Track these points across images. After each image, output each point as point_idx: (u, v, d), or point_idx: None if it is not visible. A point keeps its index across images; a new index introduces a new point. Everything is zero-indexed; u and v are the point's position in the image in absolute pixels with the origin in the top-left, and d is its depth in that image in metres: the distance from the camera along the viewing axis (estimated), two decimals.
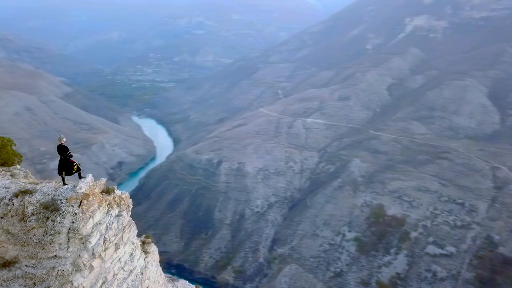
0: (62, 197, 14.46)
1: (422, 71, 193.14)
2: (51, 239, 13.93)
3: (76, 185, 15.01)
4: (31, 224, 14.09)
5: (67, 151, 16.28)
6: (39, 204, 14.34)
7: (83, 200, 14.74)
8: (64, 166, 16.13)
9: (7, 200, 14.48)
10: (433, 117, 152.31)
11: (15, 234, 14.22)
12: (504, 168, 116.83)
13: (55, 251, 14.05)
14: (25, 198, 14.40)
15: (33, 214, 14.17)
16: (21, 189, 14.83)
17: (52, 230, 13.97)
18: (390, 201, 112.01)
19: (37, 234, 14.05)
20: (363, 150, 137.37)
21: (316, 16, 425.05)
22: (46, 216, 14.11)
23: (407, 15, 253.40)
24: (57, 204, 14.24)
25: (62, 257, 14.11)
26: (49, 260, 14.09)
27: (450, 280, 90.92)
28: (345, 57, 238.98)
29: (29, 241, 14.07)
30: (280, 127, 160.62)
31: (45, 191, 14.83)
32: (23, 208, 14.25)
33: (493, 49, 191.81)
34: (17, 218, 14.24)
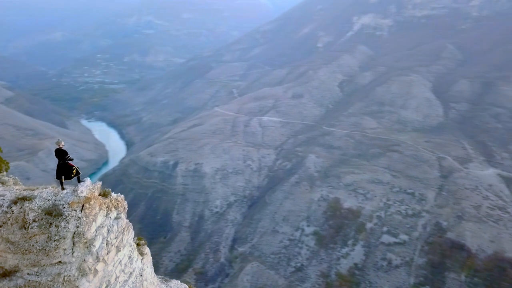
0: (64, 201, 14.23)
1: (370, 67, 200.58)
2: (56, 245, 13.63)
3: (76, 189, 14.82)
4: (33, 231, 13.69)
5: (65, 155, 15.97)
6: (40, 210, 13.97)
7: (85, 204, 14.64)
8: (63, 170, 15.82)
9: (6, 208, 13.98)
10: (383, 112, 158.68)
11: (15, 243, 13.79)
12: (449, 158, 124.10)
13: (59, 257, 13.80)
14: (25, 204, 14.04)
15: (34, 221, 13.78)
16: (19, 196, 14.43)
17: (56, 235, 13.69)
18: (346, 194, 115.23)
19: (39, 241, 13.70)
20: (318, 146, 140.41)
21: (267, 15, 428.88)
22: (49, 222, 13.81)
23: (354, 14, 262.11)
24: (59, 209, 13.96)
25: (67, 262, 13.88)
26: (53, 266, 13.82)
27: (404, 266, 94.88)
28: (297, 55, 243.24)
29: (31, 249, 13.72)
30: (236, 126, 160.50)
31: (44, 196, 14.47)
32: (23, 215, 13.91)
33: (435, 45, 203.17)
34: (17, 226, 13.88)
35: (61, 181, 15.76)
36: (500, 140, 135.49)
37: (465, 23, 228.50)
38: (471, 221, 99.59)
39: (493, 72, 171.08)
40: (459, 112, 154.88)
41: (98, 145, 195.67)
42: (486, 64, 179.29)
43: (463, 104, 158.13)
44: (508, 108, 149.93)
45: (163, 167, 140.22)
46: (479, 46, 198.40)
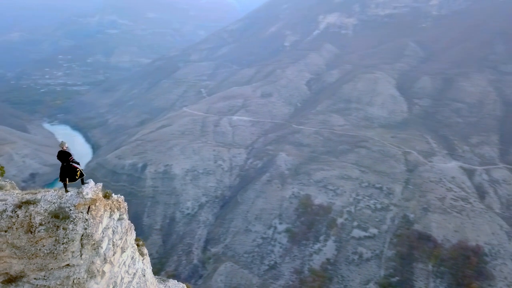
0: (70, 204, 14.04)
1: (337, 65, 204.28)
2: (65, 248, 13.42)
3: (81, 191, 14.68)
4: (40, 234, 13.41)
5: (69, 157, 15.71)
6: (47, 213, 13.67)
7: (91, 205, 14.54)
8: (67, 172, 15.61)
9: (10, 212, 13.62)
10: (350, 109, 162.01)
11: (21, 247, 13.45)
12: (414, 152, 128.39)
13: (68, 260, 13.58)
14: (30, 208, 13.75)
15: (41, 224, 13.53)
16: (22, 200, 14.10)
17: (65, 238, 13.48)
18: (316, 190, 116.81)
19: (46, 245, 13.42)
20: (288, 144, 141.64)
21: (233, 14, 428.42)
22: (56, 225, 13.56)
23: (320, 13, 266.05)
24: (66, 212, 13.73)
25: (75, 265, 13.68)
26: (61, 269, 13.58)
27: (374, 259, 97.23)
28: (265, 54, 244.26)
29: (38, 253, 13.43)
30: (206, 126, 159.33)
31: (49, 199, 14.23)
32: (29, 219, 13.63)
33: (398, 43, 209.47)
34: (22, 230, 13.59)
35: (65, 184, 15.54)
36: (461, 134, 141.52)
37: (426, 22, 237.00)
38: (436, 212, 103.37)
39: (453, 68, 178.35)
40: (422, 108, 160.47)
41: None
42: (446, 61, 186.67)
43: (425, 100, 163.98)
44: (468, 103, 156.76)
45: (131, 169, 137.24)
46: (439, 44, 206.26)
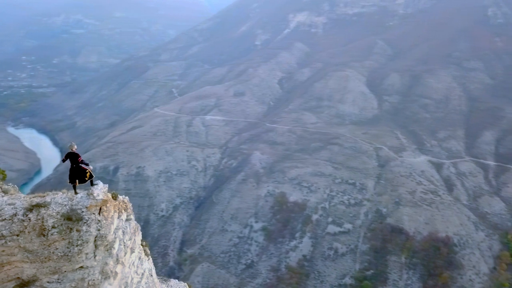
0: (81, 205, 13.94)
1: (308, 64, 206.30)
2: (79, 250, 13.31)
3: (91, 192, 14.54)
4: (53, 237, 13.27)
5: (78, 158, 15.64)
6: (59, 215, 13.50)
7: (102, 206, 14.45)
8: (76, 174, 15.51)
9: (21, 216, 13.42)
10: (322, 107, 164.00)
11: (33, 251, 13.22)
12: (385, 148, 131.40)
13: (81, 262, 13.45)
14: (42, 211, 13.58)
15: (54, 227, 13.41)
16: (32, 203, 13.90)
17: (79, 240, 13.38)
18: (291, 188, 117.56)
19: (59, 247, 13.27)
20: (262, 143, 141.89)
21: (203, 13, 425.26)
22: (69, 227, 13.42)
23: (290, 12, 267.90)
24: (78, 214, 13.60)
25: (89, 266, 13.55)
26: (75, 272, 13.42)
27: (350, 254, 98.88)
28: (236, 53, 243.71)
29: (51, 256, 13.24)
30: (178, 127, 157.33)
31: (60, 202, 14.16)
32: (41, 222, 13.47)
33: (366, 42, 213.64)
34: (34, 233, 13.41)
35: (74, 185, 15.44)
36: (429, 129, 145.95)
37: (393, 20, 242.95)
38: (408, 206, 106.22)
39: (419, 65, 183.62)
40: (392, 104, 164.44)
41: (29, 154, 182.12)
42: (413, 58, 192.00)
43: (395, 96, 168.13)
44: (435, 99, 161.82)
45: (103, 172, 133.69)
46: (406, 42, 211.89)
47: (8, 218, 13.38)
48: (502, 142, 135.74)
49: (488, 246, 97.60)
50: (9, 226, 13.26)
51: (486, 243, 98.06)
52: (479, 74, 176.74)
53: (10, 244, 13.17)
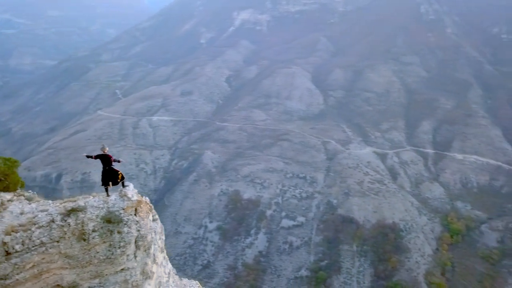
0: (118, 207, 13.79)
1: (254, 61, 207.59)
2: (122, 251, 13.16)
3: (125, 194, 14.42)
4: (95, 241, 13.10)
5: (111, 159, 15.47)
6: (99, 218, 13.60)
7: (137, 207, 14.57)
8: (109, 176, 15.31)
9: (60, 221, 13.21)
10: (270, 104, 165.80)
11: (73, 257, 13.13)
12: (332, 141, 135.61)
13: (123, 264, 13.29)
14: (80, 215, 13.47)
15: (94, 231, 13.34)
16: (67, 208, 13.73)
17: (121, 242, 13.24)
18: (244, 185, 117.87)
19: (100, 251, 13.11)
20: (213, 142, 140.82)
21: (144, 11, 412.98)
22: (110, 230, 13.26)
23: (234, 9, 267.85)
24: (117, 216, 13.46)
25: (130, 268, 13.42)
26: (117, 274, 13.22)
27: (304, 246, 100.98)
28: (181, 52, 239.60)
29: (92, 260, 13.03)
30: (124, 129, 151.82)
31: (95, 205, 14.07)
32: (81, 226, 13.33)
33: (310, 39, 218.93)
34: (74, 238, 13.24)
35: (106, 188, 15.28)
36: (372, 121, 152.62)
37: (333, 18, 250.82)
38: (356, 196, 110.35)
39: (361, 61, 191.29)
40: (337, 99, 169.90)
41: None
42: (355, 54, 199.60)
43: (339, 91, 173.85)
44: (376, 92, 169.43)
45: (44, 181, 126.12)
46: (347, 38, 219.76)
47: (45, 225, 13.07)
48: (438, 131, 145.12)
49: (431, 229, 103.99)
50: (48, 232, 12.98)
51: (428, 227, 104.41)
52: (415, 68, 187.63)
53: (51, 251, 12.90)
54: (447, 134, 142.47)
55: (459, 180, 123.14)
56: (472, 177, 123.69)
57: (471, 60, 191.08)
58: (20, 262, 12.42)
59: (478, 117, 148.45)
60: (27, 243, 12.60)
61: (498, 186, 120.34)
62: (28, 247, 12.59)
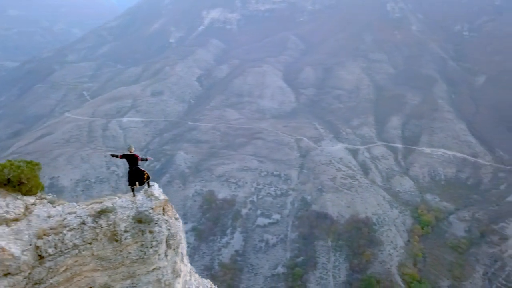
0: (146, 207, 13.82)
1: (225, 60, 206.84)
2: (155, 251, 13.24)
3: (151, 193, 14.78)
4: (127, 241, 13.29)
5: (139, 159, 15.51)
6: (130, 219, 13.65)
7: (165, 206, 14.67)
8: (136, 176, 15.32)
9: (91, 223, 13.12)
10: (243, 103, 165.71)
11: (105, 258, 13.17)
12: (305, 138, 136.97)
13: (155, 263, 13.32)
14: (111, 216, 13.45)
15: (126, 231, 13.38)
16: (96, 209, 13.67)
17: (153, 241, 13.32)
18: (219, 185, 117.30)
19: (132, 251, 13.12)
20: (186, 142, 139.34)
21: (111, 11, 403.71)
22: (141, 230, 13.54)
23: (203, 8, 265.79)
24: (147, 215, 13.49)
25: (161, 267, 13.47)
26: (149, 274, 13.27)
27: (280, 244, 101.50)
28: (150, 51, 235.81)
29: (124, 261, 13.30)
30: (93, 131, 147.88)
31: (124, 205, 14.08)
32: (113, 227, 13.34)
33: (280, 37, 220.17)
34: (106, 239, 13.24)
35: (132, 188, 15.23)
36: (343, 118, 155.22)
37: (302, 16, 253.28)
38: (330, 191, 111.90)
39: (330, 58, 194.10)
40: (308, 97, 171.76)
41: None
42: (324, 52, 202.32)
43: (310, 89, 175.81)
44: (346, 89, 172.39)
45: None
46: (316, 36, 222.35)
47: (76, 227, 12.96)
48: (406, 126, 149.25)
49: (402, 222, 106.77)
50: (80, 235, 12.91)
51: (400, 219, 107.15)
52: (383, 64, 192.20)
53: (84, 253, 12.87)
54: (415, 128, 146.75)
55: (428, 173, 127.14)
56: (440, 170, 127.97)
57: (435, 56, 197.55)
58: (54, 266, 12.36)
59: (444, 111, 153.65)
60: (60, 246, 12.52)
61: (464, 178, 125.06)
62: (61, 250, 12.52)
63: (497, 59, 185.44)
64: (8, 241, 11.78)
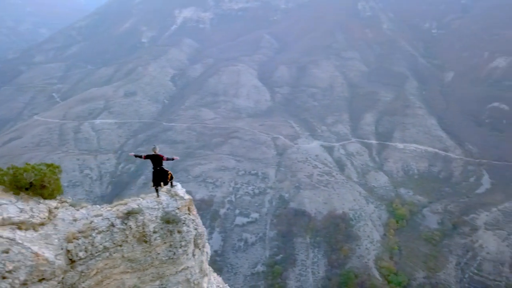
0: (173, 207, 13.89)
1: (199, 60, 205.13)
2: (184, 251, 13.26)
3: (176, 193, 14.87)
4: (156, 242, 13.34)
5: (164, 159, 15.45)
6: (158, 220, 13.65)
7: (189, 206, 14.71)
8: (160, 176, 15.27)
9: (120, 225, 13.00)
10: (218, 102, 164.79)
11: (135, 260, 13.14)
12: (281, 137, 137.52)
13: (184, 263, 13.37)
14: (139, 217, 13.41)
15: (155, 232, 13.41)
16: (123, 211, 13.59)
17: (182, 241, 13.52)
18: (196, 186, 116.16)
19: (160, 252, 13.39)
20: (161, 143, 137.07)
21: (79, 10, 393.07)
22: (169, 230, 13.58)
23: (175, 7, 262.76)
24: (174, 216, 13.79)
25: (190, 267, 13.49)
26: (177, 274, 13.29)
27: (259, 242, 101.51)
28: (122, 51, 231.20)
29: (154, 262, 13.29)
30: (65, 134, 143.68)
31: (150, 206, 14.10)
32: (142, 228, 13.33)
33: (254, 36, 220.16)
34: (135, 241, 13.19)
35: (156, 188, 15.18)
36: (318, 116, 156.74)
37: (276, 15, 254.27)
38: (307, 189, 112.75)
39: (304, 57, 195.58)
40: (283, 95, 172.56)
41: None
42: (298, 51, 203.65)
43: (285, 88, 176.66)
44: (320, 87, 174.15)
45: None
46: (290, 35, 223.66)
47: (105, 230, 12.86)
48: (380, 122, 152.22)
49: (378, 216, 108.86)
50: (109, 237, 12.82)
51: (376, 214, 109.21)
52: (355, 62, 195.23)
53: (115, 255, 12.81)
54: (388, 125, 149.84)
55: (401, 168, 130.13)
56: (413, 164, 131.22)
57: (406, 54, 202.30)
58: (86, 270, 12.30)
59: (415, 107, 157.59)
60: (90, 249, 12.43)
61: (436, 171, 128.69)
62: (92, 253, 12.45)
63: (465, 56, 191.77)
64: (39, 246, 11.53)
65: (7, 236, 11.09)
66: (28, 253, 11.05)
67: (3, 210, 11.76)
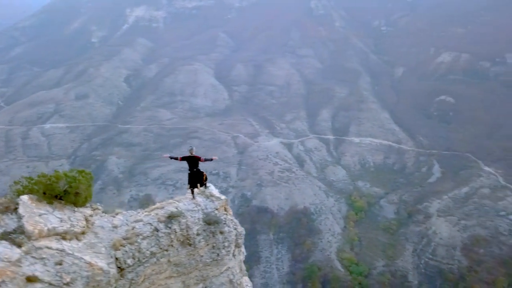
0: (211, 208, 14.01)
1: (154, 59, 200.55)
2: (227, 251, 13.36)
3: (211, 194, 14.98)
4: (200, 244, 13.37)
5: (201, 160, 15.22)
6: (201, 222, 13.76)
7: (226, 206, 14.81)
8: (197, 177, 15.18)
9: (165, 229, 13.00)
10: (175, 102, 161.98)
11: (180, 264, 13.20)
12: (241, 135, 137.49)
13: (227, 264, 13.69)
14: (181, 220, 13.48)
15: (198, 234, 13.45)
16: (164, 214, 13.64)
17: (225, 241, 13.47)
18: (156, 189, 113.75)
19: (204, 254, 13.44)
20: (117, 146, 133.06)
21: (22, 9, 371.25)
22: (211, 231, 13.64)
23: (126, 6, 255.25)
24: (214, 216, 13.79)
25: (231, 267, 13.49)
26: (220, 276, 13.55)
27: None
28: (71, 52, 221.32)
29: (198, 265, 13.36)
30: (11, 141, 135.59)
31: (190, 208, 14.12)
32: (186, 231, 13.41)
33: (209, 34, 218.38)
34: (179, 244, 13.22)
35: (192, 190, 15.08)
36: (277, 114, 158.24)
37: (231, 13, 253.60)
38: (269, 186, 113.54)
39: (260, 55, 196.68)
40: (241, 94, 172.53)
41: None
42: (254, 49, 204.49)
43: (243, 86, 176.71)
44: (278, 85, 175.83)
45: None
46: (245, 33, 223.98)
47: (150, 235, 12.73)
48: (336, 118, 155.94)
49: (338, 209, 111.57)
50: (155, 242, 12.73)
51: (336, 207, 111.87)
52: (310, 60, 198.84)
53: (162, 260, 12.75)
54: (344, 120, 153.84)
55: (358, 162, 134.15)
56: (369, 157, 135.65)
57: (358, 50, 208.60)
58: (135, 277, 12.19)
59: (369, 102, 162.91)
60: (137, 256, 12.27)
61: (390, 163, 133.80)
62: (139, 260, 12.29)
63: (413, 52, 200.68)
64: (90, 255, 11.24)
65: (57, 247, 10.71)
66: (82, 263, 10.76)
67: (46, 221, 11.35)
